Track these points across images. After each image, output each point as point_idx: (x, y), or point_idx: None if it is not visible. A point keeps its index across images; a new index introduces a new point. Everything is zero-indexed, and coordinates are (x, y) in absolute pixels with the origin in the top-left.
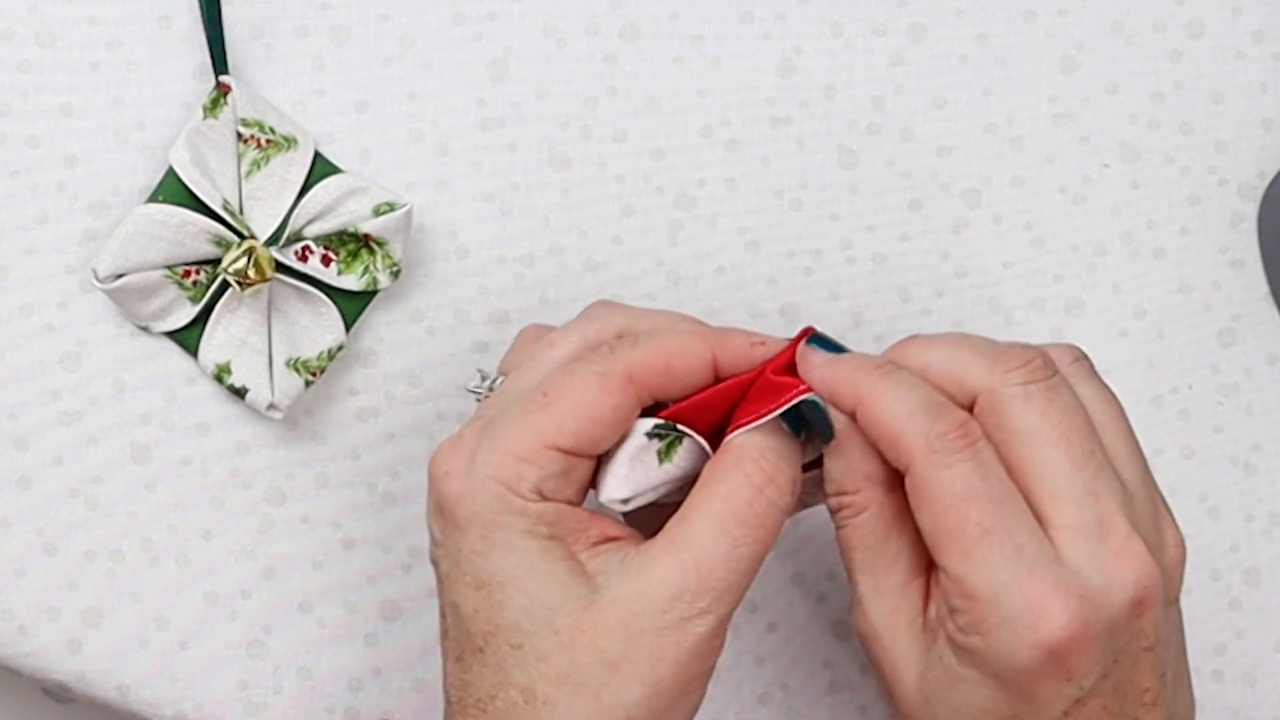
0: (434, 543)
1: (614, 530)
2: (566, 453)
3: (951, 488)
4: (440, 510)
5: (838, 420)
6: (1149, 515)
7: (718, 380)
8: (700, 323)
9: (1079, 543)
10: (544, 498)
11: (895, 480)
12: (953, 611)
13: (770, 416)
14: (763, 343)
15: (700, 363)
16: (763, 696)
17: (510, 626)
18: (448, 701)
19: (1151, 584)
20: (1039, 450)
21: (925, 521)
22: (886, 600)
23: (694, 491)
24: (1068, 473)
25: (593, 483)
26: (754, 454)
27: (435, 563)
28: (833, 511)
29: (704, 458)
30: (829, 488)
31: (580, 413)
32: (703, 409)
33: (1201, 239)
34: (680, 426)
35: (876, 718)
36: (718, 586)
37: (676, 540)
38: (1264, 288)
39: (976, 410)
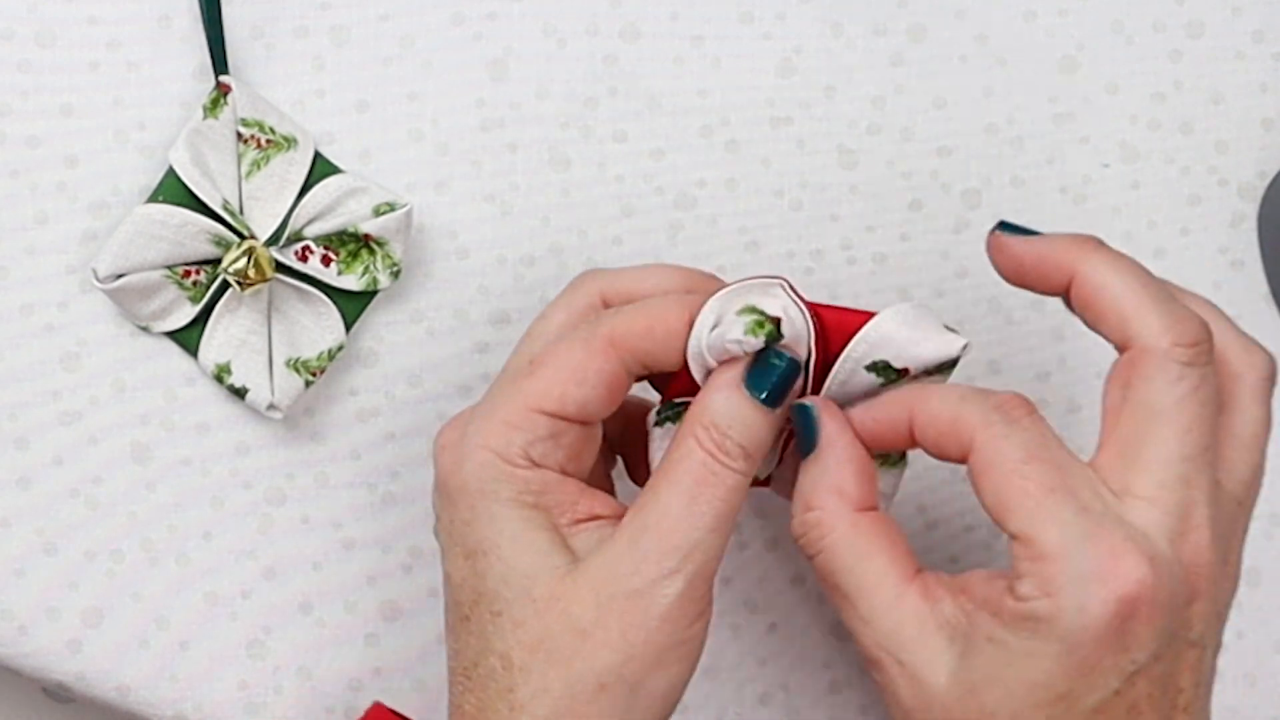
0: (435, 517)
1: (602, 508)
2: (552, 415)
3: (1014, 453)
4: (439, 485)
5: (825, 427)
6: (1228, 524)
7: None
8: (685, 269)
9: (1153, 513)
10: (533, 463)
11: (868, 502)
12: (1019, 578)
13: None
14: None
15: (680, 324)
16: (763, 697)
17: (491, 594)
18: (449, 671)
19: (1212, 573)
20: (1160, 428)
21: (989, 494)
22: (889, 617)
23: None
24: (1173, 456)
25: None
26: (704, 419)
27: (436, 536)
28: (800, 541)
29: None
30: (796, 509)
31: (563, 376)
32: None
33: (1201, 239)
34: (678, 400)
35: (876, 718)
36: (681, 545)
37: (641, 507)
38: (1264, 288)
39: (1127, 355)
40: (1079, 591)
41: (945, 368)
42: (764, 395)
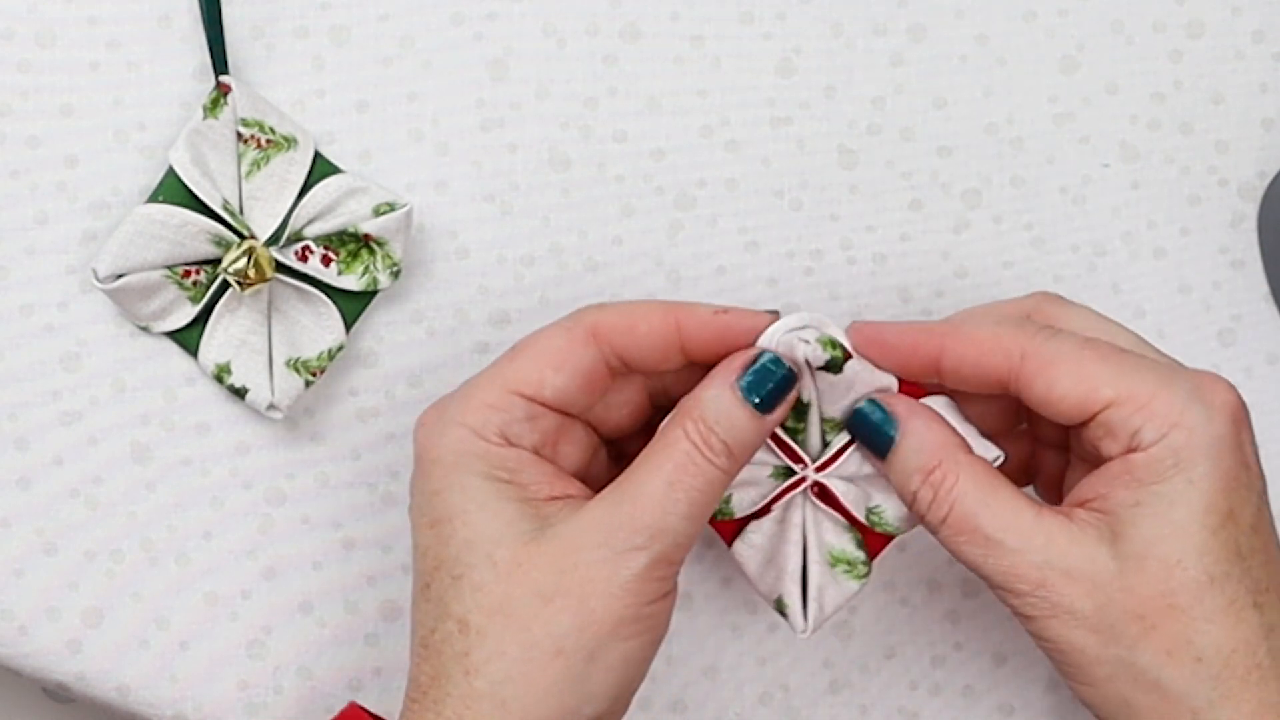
0: (410, 497)
1: (575, 491)
2: (529, 399)
3: (1073, 342)
4: (416, 461)
5: (896, 407)
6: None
7: (684, 349)
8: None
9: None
10: (509, 442)
11: (967, 448)
12: (1136, 432)
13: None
14: (725, 310)
15: (664, 326)
16: (763, 696)
17: (453, 559)
18: (410, 650)
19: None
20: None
21: (1067, 378)
22: (1039, 533)
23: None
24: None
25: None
26: (694, 412)
27: (410, 516)
28: (928, 504)
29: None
30: (912, 481)
31: (543, 360)
32: None
33: (1201, 239)
34: None
35: (876, 717)
36: (651, 525)
37: (619, 486)
38: (1264, 288)
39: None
40: (1198, 409)
41: None
42: (755, 399)
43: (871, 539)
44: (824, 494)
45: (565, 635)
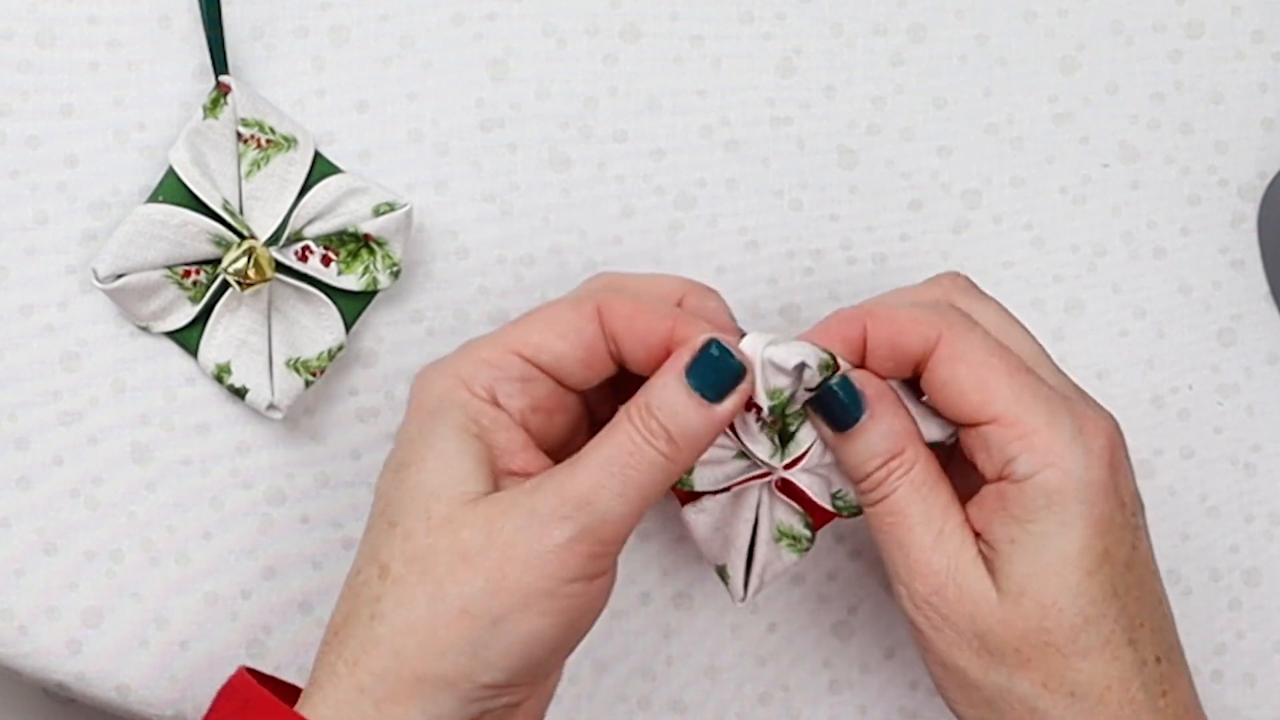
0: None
1: (539, 469)
2: (526, 360)
3: (984, 344)
4: (406, 407)
5: (868, 388)
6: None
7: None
8: (692, 282)
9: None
10: (494, 401)
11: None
12: (1011, 460)
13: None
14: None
15: (661, 329)
16: (763, 696)
17: (395, 504)
18: None
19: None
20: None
21: (968, 379)
22: (953, 539)
23: None
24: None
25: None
26: (640, 399)
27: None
28: (878, 484)
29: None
30: (871, 462)
31: (545, 326)
32: None
33: (1201, 239)
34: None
35: (876, 717)
36: (578, 496)
37: (563, 466)
38: (1264, 288)
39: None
40: (1077, 452)
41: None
42: (700, 386)
43: (819, 516)
44: (787, 486)
45: (475, 597)
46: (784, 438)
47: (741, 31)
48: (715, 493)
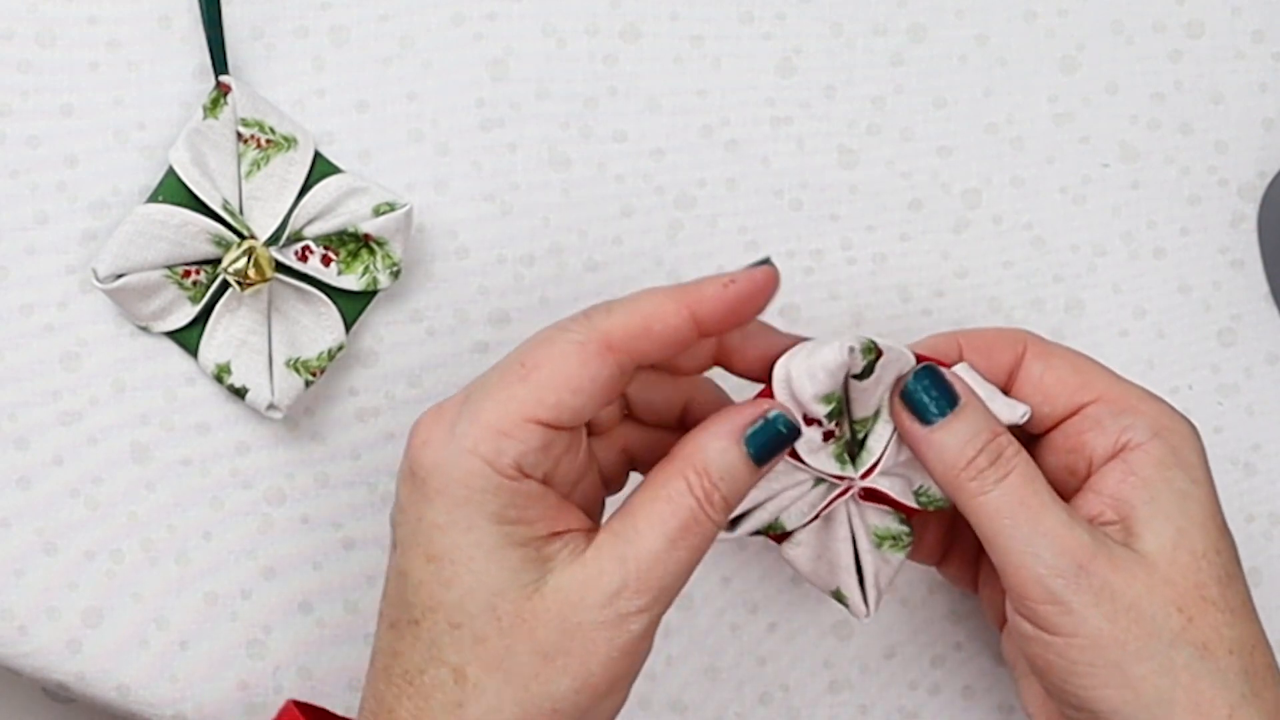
0: (398, 506)
1: (576, 523)
2: (546, 425)
3: (1069, 349)
4: (412, 476)
5: (958, 384)
6: None
7: (701, 336)
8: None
9: None
10: (523, 474)
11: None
12: (1126, 429)
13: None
14: (733, 280)
15: (678, 320)
16: (763, 696)
17: (453, 605)
18: (372, 665)
19: None
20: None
21: (1064, 366)
22: (1080, 514)
23: (639, 489)
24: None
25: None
26: (699, 465)
27: (394, 525)
28: (983, 469)
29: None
30: (971, 446)
31: (559, 383)
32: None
33: (1201, 239)
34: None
35: (876, 717)
36: (655, 586)
37: (619, 535)
38: (1264, 288)
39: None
40: (1182, 422)
41: None
42: (758, 455)
43: (908, 513)
44: (869, 494)
45: (563, 696)
46: (854, 448)
47: (741, 31)
48: (805, 524)
